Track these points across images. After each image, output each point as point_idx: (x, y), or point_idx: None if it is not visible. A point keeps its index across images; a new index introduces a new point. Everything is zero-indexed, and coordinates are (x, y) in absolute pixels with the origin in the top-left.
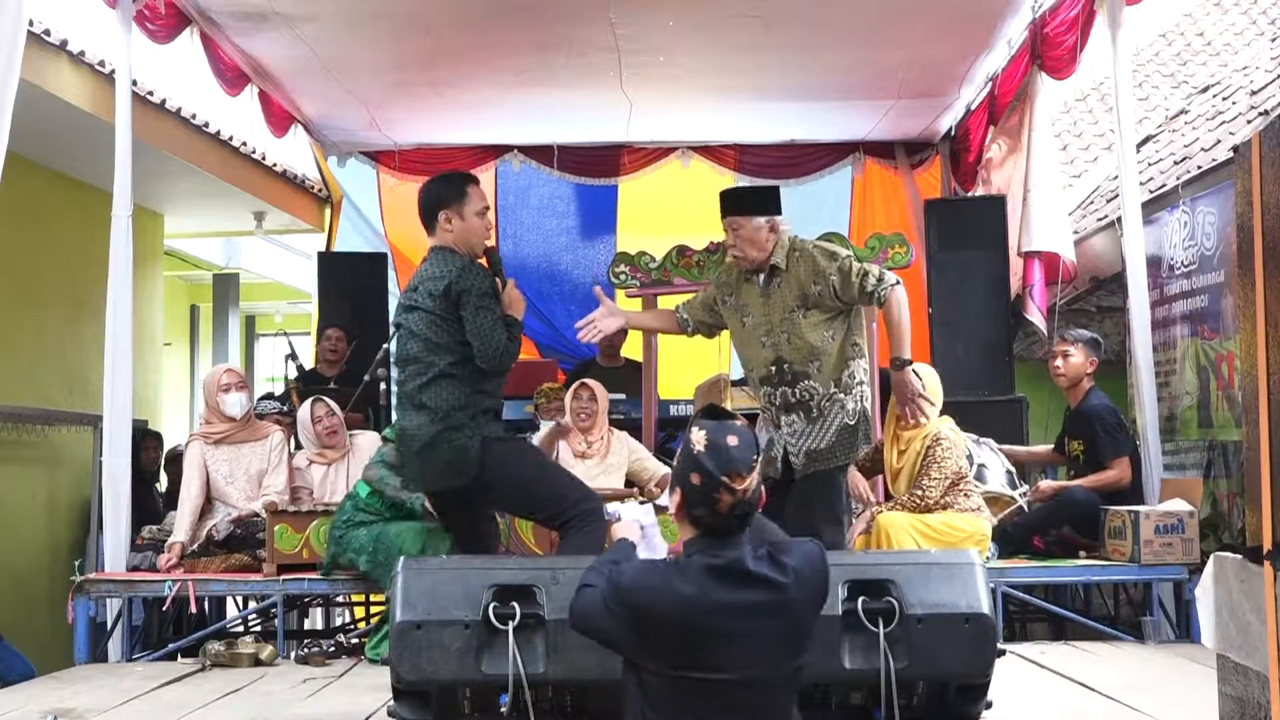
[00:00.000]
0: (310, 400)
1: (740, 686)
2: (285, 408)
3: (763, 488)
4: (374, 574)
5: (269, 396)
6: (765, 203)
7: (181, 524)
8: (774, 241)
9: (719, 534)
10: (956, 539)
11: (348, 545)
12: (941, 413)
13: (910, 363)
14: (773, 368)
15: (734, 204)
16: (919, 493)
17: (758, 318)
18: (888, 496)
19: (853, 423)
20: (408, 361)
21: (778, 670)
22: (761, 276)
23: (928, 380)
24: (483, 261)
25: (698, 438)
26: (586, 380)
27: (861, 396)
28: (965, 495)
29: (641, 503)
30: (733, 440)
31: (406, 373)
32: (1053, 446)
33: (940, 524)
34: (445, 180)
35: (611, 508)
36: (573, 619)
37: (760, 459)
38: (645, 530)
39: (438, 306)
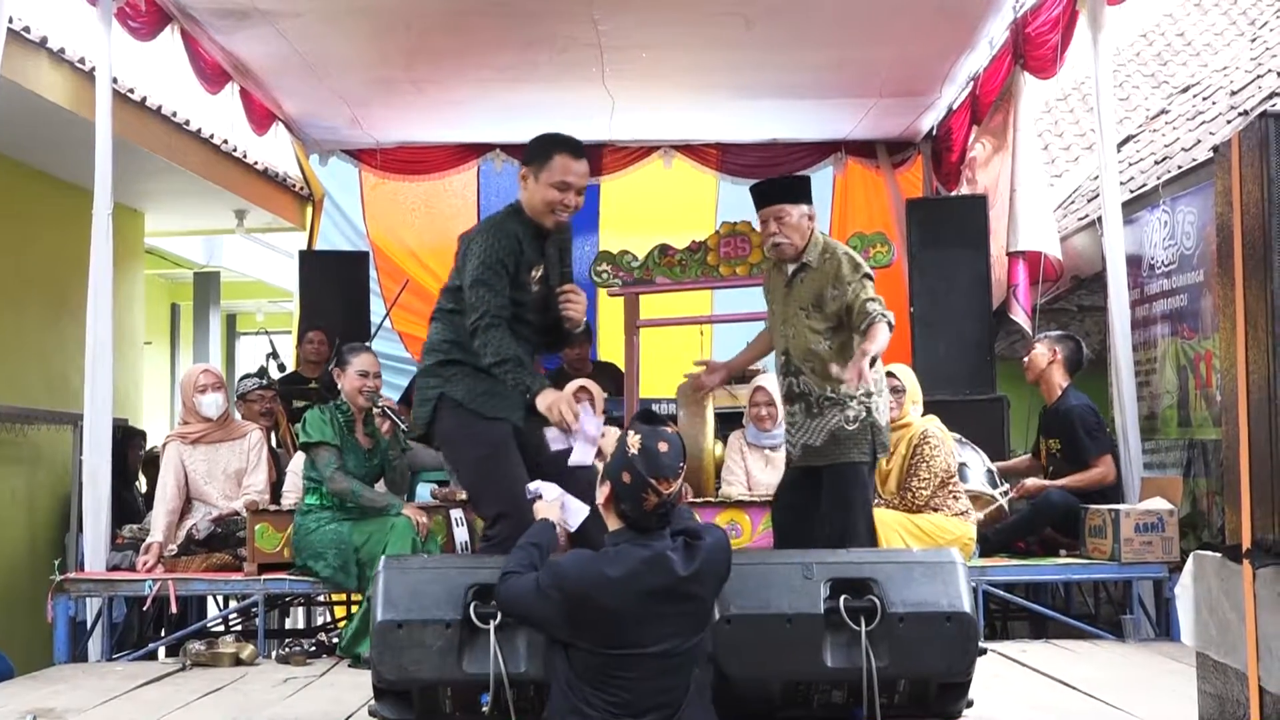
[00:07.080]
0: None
1: (656, 657)
2: (265, 382)
3: (682, 489)
4: (335, 579)
5: (247, 375)
6: (807, 190)
7: (158, 524)
8: (812, 231)
9: (641, 529)
10: (944, 543)
11: (307, 549)
12: (925, 412)
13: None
14: (783, 357)
15: (781, 191)
16: (909, 494)
17: (778, 307)
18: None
19: (851, 429)
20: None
21: (689, 642)
22: (791, 268)
23: (905, 381)
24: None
25: (633, 441)
26: (584, 383)
27: (868, 408)
28: (954, 498)
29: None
30: (664, 447)
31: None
32: (1029, 454)
33: (930, 525)
34: (542, 139)
35: (532, 486)
36: (502, 603)
37: (684, 467)
38: (565, 503)
39: (460, 250)
